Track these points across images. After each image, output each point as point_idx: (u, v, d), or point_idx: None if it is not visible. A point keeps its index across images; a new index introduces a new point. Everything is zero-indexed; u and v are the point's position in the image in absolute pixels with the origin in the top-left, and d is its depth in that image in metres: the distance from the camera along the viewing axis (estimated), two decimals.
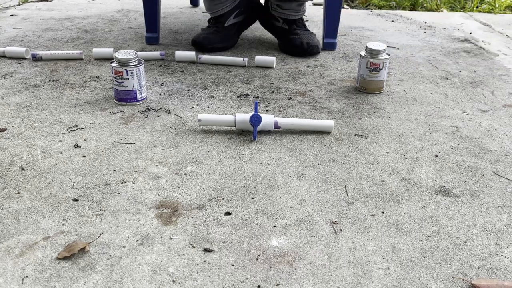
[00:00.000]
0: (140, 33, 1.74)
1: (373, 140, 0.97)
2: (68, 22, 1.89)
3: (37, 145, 0.92)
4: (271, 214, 0.73)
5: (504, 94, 1.23)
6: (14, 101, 1.12)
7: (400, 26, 1.94)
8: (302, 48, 1.46)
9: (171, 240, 0.67)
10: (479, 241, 0.69)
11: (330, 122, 0.99)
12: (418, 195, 0.79)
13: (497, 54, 1.58)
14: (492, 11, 2.29)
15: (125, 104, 1.12)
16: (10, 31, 1.74)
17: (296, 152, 0.92)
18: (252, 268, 0.63)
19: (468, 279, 0.62)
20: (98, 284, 0.59)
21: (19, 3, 2.26)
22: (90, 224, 0.70)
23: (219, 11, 1.51)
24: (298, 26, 1.51)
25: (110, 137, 0.96)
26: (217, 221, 0.72)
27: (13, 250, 0.65)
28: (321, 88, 1.24)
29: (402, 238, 0.69)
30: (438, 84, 1.29)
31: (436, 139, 0.98)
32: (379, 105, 1.14)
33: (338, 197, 0.78)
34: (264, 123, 0.96)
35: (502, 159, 0.91)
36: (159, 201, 0.76)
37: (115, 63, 1.10)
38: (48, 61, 1.41)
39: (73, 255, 0.64)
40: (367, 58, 1.18)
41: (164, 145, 0.93)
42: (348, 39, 1.73)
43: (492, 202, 0.78)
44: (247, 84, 1.26)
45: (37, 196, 0.77)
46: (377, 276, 0.62)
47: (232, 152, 0.91)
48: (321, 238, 0.68)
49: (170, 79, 1.29)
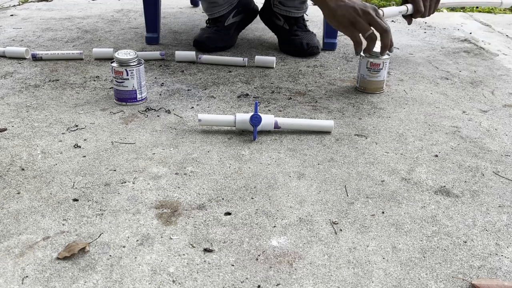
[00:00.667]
0: (140, 33, 1.74)
1: (373, 140, 0.97)
2: (68, 22, 1.89)
3: (37, 145, 0.92)
4: (271, 214, 0.73)
5: (504, 94, 1.23)
6: (14, 101, 1.12)
7: (400, 26, 1.94)
8: (302, 49, 1.47)
9: (171, 240, 0.67)
10: (479, 241, 0.69)
11: (330, 122, 0.99)
12: (418, 195, 0.79)
13: (497, 54, 1.58)
14: (492, 11, 2.29)
15: (125, 104, 1.12)
16: (10, 31, 1.74)
17: (296, 152, 0.92)
18: (252, 268, 0.63)
19: (468, 279, 0.62)
20: (98, 284, 0.59)
21: (19, 3, 2.26)
22: (90, 224, 0.70)
23: (216, 13, 1.51)
24: (299, 27, 1.51)
25: (110, 137, 0.96)
26: (217, 221, 0.72)
27: (13, 250, 0.65)
28: (321, 88, 1.24)
29: (402, 238, 0.69)
30: (438, 84, 1.29)
31: (436, 139, 0.98)
32: (379, 105, 1.14)
33: (338, 197, 0.78)
34: (264, 123, 0.96)
35: (502, 159, 0.91)
36: (159, 201, 0.76)
37: (115, 63, 1.10)
38: (48, 61, 1.41)
39: (73, 255, 0.64)
40: (367, 58, 1.18)
41: (164, 145, 0.93)
42: (348, 39, 1.73)
43: (492, 202, 0.78)
44: (247, 84, 1.26)
45: (37, 196, 0.77)
46: (377, 276, 0.62)
47: (232, 152, 0.91)
48: (321, 238, 0.68)
49: (170, 79, 1.29)
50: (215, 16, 1.52)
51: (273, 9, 1.53)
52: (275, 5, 1.52)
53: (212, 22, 1.54)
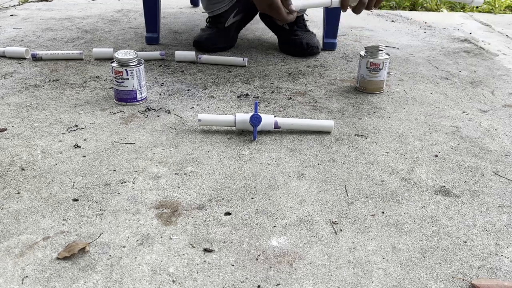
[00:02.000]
0: (140, 33, 1.74)
1: (373, 140, 0.97)
2: (68, 22, 1.89)
3: (37, 145, 0.92)
4: (271, 214, 0.73)
5: (504, 94, 1.23)
6: (14, 101, 1.12)
7: (400, 26, 1.94)
8: (302, 49, 1.47)
9: (171, 240, 0.67)
10: (479, 241, 0.69)
11: (330, 122, 0.99)
12: (418, 195, 0.79)
13: (497, 54, 1.58)
14: (492, 11, 2.29)
15: (125, 104, 1.12)
16: (10, 31, 1.74)
17: (296, 152, 0.92)
18: (252, 268, 0.63)
19: (468, 279, 0.62)
20: (98, 284, 0.59)
21: (19, 3, 2.26)
22: (90, 224, 0.70)
23: (216, 10, 1.51)
24: (299, 27, 1.52)
25: (110, 137, 0.96)
26: (217, 221, 0.72)
27: (13, 250, 0.65)
28: (321, 88, 1.24)
29: (402, 238, 0.69)
30: (438, 84, 1.29)
31: (436, 139, 0.98)
32: (379, 105, 1.14)
33: (338, 197, 0.78)
34: (264, 123, 0.96)
35: (502, 159, 0.91)
36: (159, 201, 0.76)
37: (115, 63, 1.10)
38: (48, 61, 1.41)
39: (73, 255, 0.64)
40: (367, 58, 1.18)
41: (164, 145, 0.93)
42: (348, 39, 1.73)
43: (492, 202, 0.78)
44: (247, 84, 1.26)
45: (37, 196, 0.77)
46: (377, 276, 0.62)
47: (232, 152, 0.91)
48: (321, 238, 0.68)
49: (170, 79, 1.29)
50: (216, 13, 1.51)
51: None
52: None
53: (212, 21, 1.54)
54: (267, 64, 1.42)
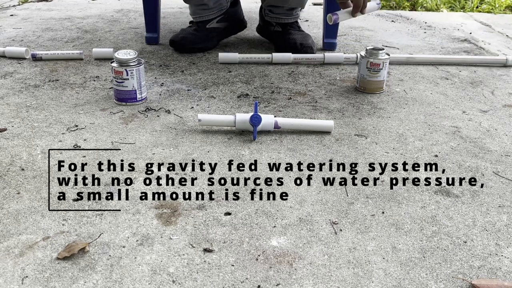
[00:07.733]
0: (140, 33, 1.74)
1: (373, 140, 0.97)
2: (68, 22, 1.89)
3: (37, 145, 0.92)
4: (271, 214, 0.73)
5: (504, 94, 1.23)
6: (14, 101, 1.12)
7: (400, 26, 1.94)
8: (295, 48, 1.45)
9: (171, 240, 0.67)
10: (479, 241, 0.69)
11: (330, 122, 0.99)
12: (418, 195, 0.79)
13: (497, 54, 1.58)
14: (492, 11, 2.29)
15: (125, 104, 1.11)
16: (10, 31, 1.74)
17: (296, 152, 0.92)
18: (252, 268, 0.63)
19: (468, 279, 0.62)
20: (98, 284, 0.59)
21: (19, 3, 2.26)
22: (90, 224, 0.70)
23: (204, 16, 1.50)
24: (293, 28, 1.52)
25: (110, 137, 0.96)
26: (217, 221, 0.72)
27: (13, 250, 0.65)
28: (321, 88, 1.24)
29: (402, 238, 0.69)
30: (438, 84, 1.29)
31: (436, 139, 0.98)
32: (379, 105, 1.14)
33: (338, 197, 0.78)
34: (264, 123, 0.96)
35: (502, 159, 0.91)
36: (159, 201, 0.76)
37: (115, 63, 1.10)
38: (48, 61, 1.41)
39: (73, 255, 0.64)
40: (367, 58, 1.18)
41: (164, 145, 0.93)
42: (348, 39, 1.73)
43: (492, 202, 0.78)
44: (247, 84, 1.26)
45: (37, 196, 0.77)
46: (377, 276, 0.62)
47: (232, 152, 0.91)
48: (321, 238, 0.68)
49: (170, 79, 1.29)
50: (202, 19, 1.50)
51: (265, 18, 1.55)
52: (266, 14, 1.54)
53: (195, 23, 1.53)
54: (267, 64, 1.42)
